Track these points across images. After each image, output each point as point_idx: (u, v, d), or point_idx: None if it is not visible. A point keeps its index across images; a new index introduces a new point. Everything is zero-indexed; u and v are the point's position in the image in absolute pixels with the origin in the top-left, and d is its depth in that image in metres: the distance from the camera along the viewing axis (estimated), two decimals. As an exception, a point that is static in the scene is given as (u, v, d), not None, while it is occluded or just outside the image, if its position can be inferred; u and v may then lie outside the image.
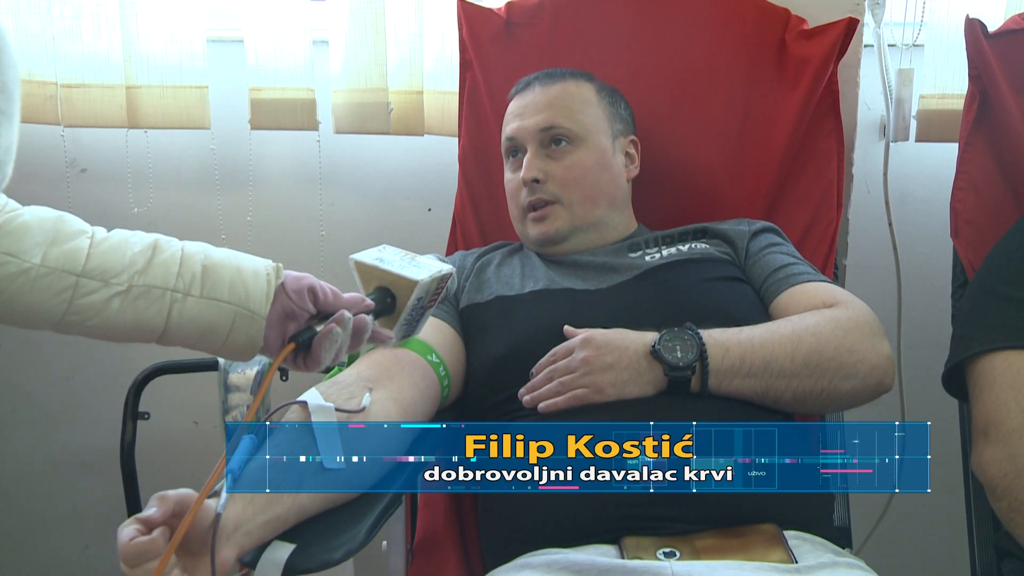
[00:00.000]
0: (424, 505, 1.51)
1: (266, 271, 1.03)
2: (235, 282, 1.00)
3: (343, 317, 1.03)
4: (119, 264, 0.96)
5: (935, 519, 1.98)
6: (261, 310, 1.01)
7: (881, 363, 1.28)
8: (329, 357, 1.03)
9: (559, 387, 1.24)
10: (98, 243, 0.97)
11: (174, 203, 2.05)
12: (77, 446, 2.17)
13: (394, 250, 1.13)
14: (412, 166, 2.03)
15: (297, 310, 1.04)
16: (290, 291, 1.04)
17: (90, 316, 0.95)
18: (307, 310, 1.05)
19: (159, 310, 0.97)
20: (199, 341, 1.01)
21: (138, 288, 0.96)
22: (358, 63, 1.88)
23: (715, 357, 1.23)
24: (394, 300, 1.09)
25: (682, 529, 1.13)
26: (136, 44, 1.89)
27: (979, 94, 1.52)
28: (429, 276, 1.09)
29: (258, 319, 1.01)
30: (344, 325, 1.03)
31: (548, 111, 1.49)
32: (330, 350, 1.03)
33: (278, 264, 1.05)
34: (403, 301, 1.09)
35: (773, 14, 1.65)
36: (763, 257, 1.45)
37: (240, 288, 1.00)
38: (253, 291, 1.01)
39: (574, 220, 1.48)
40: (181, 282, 0.98)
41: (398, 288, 1.09)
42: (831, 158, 1.63)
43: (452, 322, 1.42)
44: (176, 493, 0.92)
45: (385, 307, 1.09)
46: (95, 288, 0.95)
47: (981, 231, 1.50)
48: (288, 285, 1.04)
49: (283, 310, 1.04)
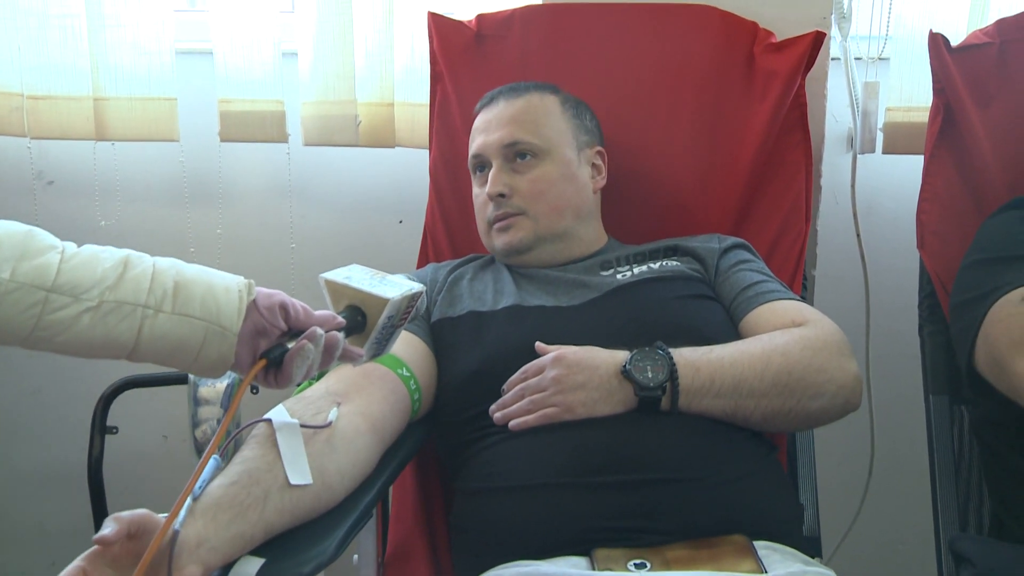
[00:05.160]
0: (395, 518, 1.50)
1: (238, 287, 1.02)
2: (207, 298, 0.99)
3: (315, 334, 1.02)
4: (90, 279, 0.95)
5: (904, 529, 2.00)
6: (233, 326, 1.00)
7: (849, 382, 1.30)
8: (300, 374, 1.02)
9: (530, 405, 1.24)
10: (68, 258, 0.95)
11: (143, 216, 2.04)
12: (44, 461, 2.14)
13: (363, 269, 1.13)
14: (383, 178, 2.03)
15: (268, 327, 1.03)
16: (262, 308, 1.03)
17: (59, 332, 0.94)
18: (278, 327, 1.04)
19: (130, 326, 0.96)
20: (170, 357, 1.00)
21: (109, 304, 0.95)
22: (326, 75, 1.87)
23: (685, 377, 1.23)
24: (365, 318, 1.09)
25: (653, 540, 1.13)
26: (104, 55, 1.88)
27: (943, 107, 1.54)
28: (400, 295, 1.09)
29: (230, 335, 1.00)
30: (316, 342, 1.02)
31: (512, 126, 1.49)
32: (301, 367, 1.02)
33: (250, 281, 1.04)
34: (374, 319, 1.08)
35: (741, 27, 1.67)
36: (733, 274, 1.46)
37: (212, 304, 0.99)
38: (225, 307, 1.00)
39: (539, 230, 1.48)
40: (152, 298, 0.97)
41: (368, 306, 1.08)
42: (799, 170, 1.64)
43: (424, 336, 1.42)
44: (130, 513, 0.91)
45: (356, 325, 1.09)
46: (65, 304, 0.93)
47: (946, 241, 1.52)
48: (260, 302, 1.03)
49: (254, 327, 1.02)
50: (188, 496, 0.94)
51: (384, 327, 1.09)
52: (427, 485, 1.53)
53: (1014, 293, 1.21)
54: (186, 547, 0.92)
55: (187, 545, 0.93)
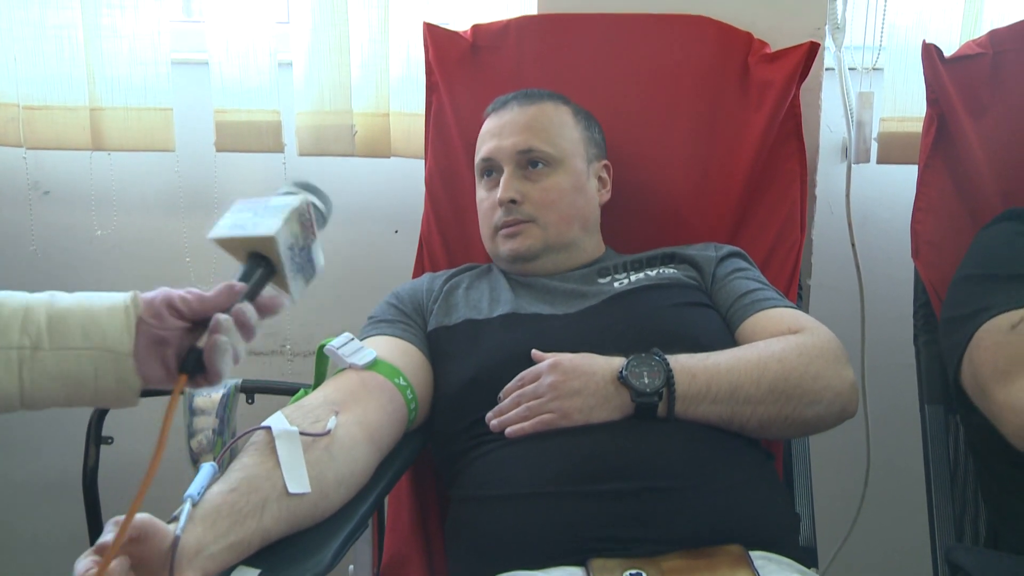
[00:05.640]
0: (391, 528, 1.50)
1: (123, 304, 0.94)
2: (88, 325, 0.92)
3: (219, 323, 0.93)
4: None
5: (900, 539, 2.00)
6: (123, 347, 0.92)
7: (845, 390, 1.30)
8: (227, 365, 0.94)
9: (526, 412, 1.24)
10: None
11: (138, 226, 2.04)
12: (39, 471, 2.14)
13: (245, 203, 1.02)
14: (379, 188, 2.03)
15: (165, 333, 0.95)
16: (146, 316, 0.94)
17: None
18: (175, 327, 0.95)
19: (11, 373, 0.89)
20: (67, 397, 0.92)
21: None
22: (322, 85, 1.88)
23: (682, 383, 1.23)
24: (268, 260, 1.00)
25: (649, 550, 1.13)
26: (100, 65, 1.89)
27: (937, 117, 1.55)
28: (282, 222, 0.99)
29: (123, 358, 0.92)
30: (225, 329, 0.94)
31: (526, 133, 1.49)
32: (223, 359, 0.93)
33: (135, 293, 0.95)
34: (276, 257, 0.99)
35: (736, 38, 1.67)
36: (729, 282, 1.46)
37: (94, 330, 0.92)
38: (109, 329, 0.92)
39: (547, 239, 1.49)
40: (27, 338, 0.89)
41: (265, 248, 0.99)
42: (794, 180, 1.65)
43: (420, 345, 1.42)
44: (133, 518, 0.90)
45: (264, 271, 0.99)
46: None
47: (941, 251, 1.52)
48: (143, 310, 0.94)
49: (150, 339, 0.94)
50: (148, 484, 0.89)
51: (293, 256, 1.00)
52: (423, 495, 1.52)
53: (1002, 319, 1.21)
54: (186, 553, 0.92)
55: (187, 551, 0.93)
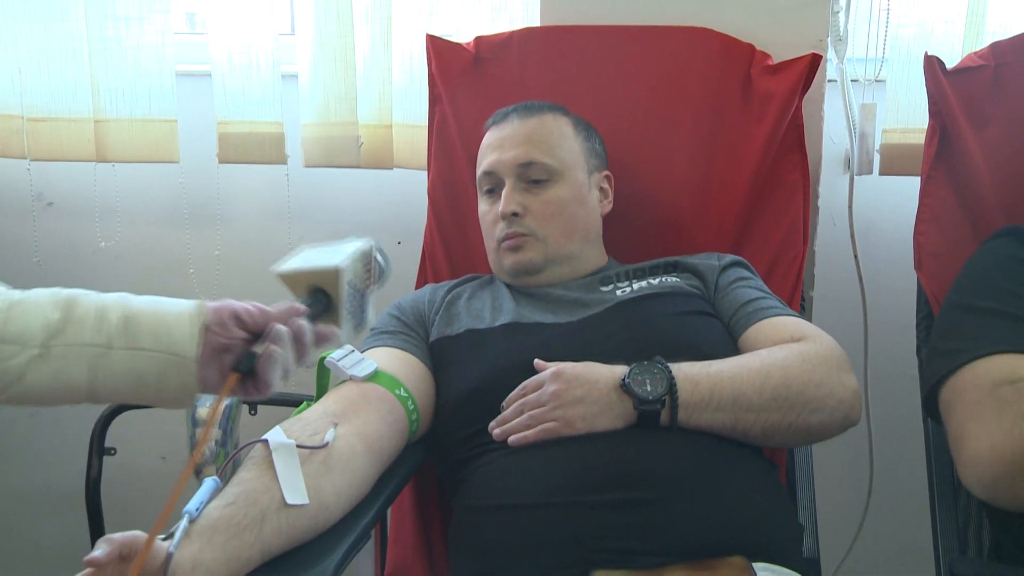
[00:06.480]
0: (394, 539, 1.50)
1: (189, 312, 0.99)
2: (158, 329, 0.97)
3: (277, 333, 0.99)
4: (35, 326, 0.92)
5: (904, 551, 1.99)
6: (189, 353, 0.97)
7: (848, 397, 1.29)
8: (277, 376, 0.99)
9: (529, 420, 1.24)
10: (13, 306, 0.93)
11: (142, 238, 2.04)
12: (42, 482, 2.14)
13: (311, 248, 1.10)
14: (381, 199, 2.03)
15: (228, 341, 1.00)
16: (213, 325, 0.99)
17: (11, 383, 0.91)
18: (237, 337, 1.01)
19: (82, 368, 0.93)
20: (130, 394, 0.97)
21: (58, 348, 0.92)
22: (327, 97, 1.88)
23: (685, 391, 1.23)
24: (328, 296, 1.05)
25: (652, 562, 1.13)
26: (105, 77, 1.89)
27: (939, 129, 1.55)
28: (347, 257, 1.05)
29: (188, 363, 0.97)
30: (280, 340, 0.99)
31: (527, 145, 1.50)
32: (275, 370, 0.99)
33: (201, 302, 1.01)
34: (336, 293, 1.05)
35: (738, 49, 1.67)
36: (732, 291, 1.46)
37: (164, 334, 0.97)
38: (178, 335, 0.97)
39: (549, 253, 1.49)
40: (102, 336, 0.94)
41: (326, 283, 1.05)
42: (797, 191, 1.65)
43: (421, 355, 1.42)
44: (122, 535, 0.90)
45: (322, 306, 1.05)
46: (12, 353, 0.91)
47: (943, 262, 1.52)
48: (210, 319, 1.00)
49: (214, 346, 1.00)
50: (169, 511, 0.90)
51: (351, 296, 1.05)
52: (426, 506, 1.52)
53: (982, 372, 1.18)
54: (181, 569, 0.91)
55: (182, 567, 0.91)
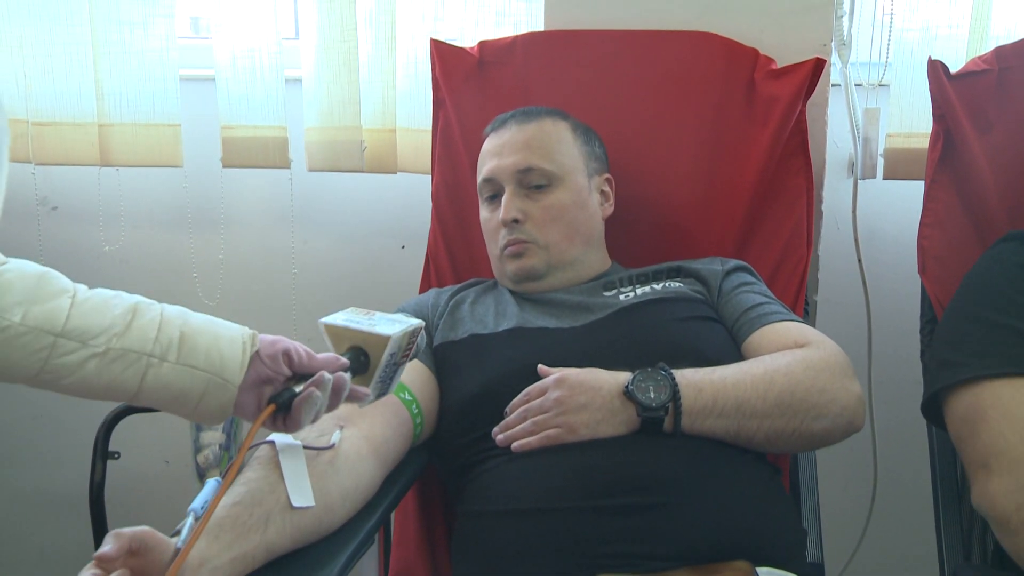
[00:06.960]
0: (397, 543, 1.50)
1: (243, 339, 1.03)
2: (211, 350, 1.00)
3: (323, 379, 1.03)
4: (98, 326, 0.96)
5: (908, 557, 1.99)
6: (234, 379, 1.01)
7: (852, 403, 1.29)
8: (309, 418, 1.03)
9: (532, 427, 1.24)
10: (79, 303, 0.96)
11: (146, 241, 2.04)
12: (45, 485, 2.14)
13: (358, 310, 1.14)
14: (385, 204, 2.03)
15: (273, 375, 1.04)
16: (265, 356, 1.04)
17: (65, 375, 0.95)
18: (283, 374, 1.05)
19: (134, 373, 0.97)
20: (170, 405, 1.01)
21: (115, 351, 0.96)
22: (331, 101, 1.88)
23: (688, 397, 1.23)
24: (367, 358, 1.10)
25: (656, 566, 1.12)
26: (109, 81, 1.90)
27: (943, 133, 1.55)
28: (400, 331, 1.09)
29: (230, 387, 1.01)
30: (323, 387, 1.03)
31: (526, 151, 1.50)
32: (310, 412, 1.03)
33: (254, 332, 1.05)
34: (376, 358, 1.09)
35: (742, 54, 1.68)
36: (735, 296, 1.46)
37: (216, 356, 1.00)
38: (228, 359, 1.01)
39: (550, 259, 1.49)
40: (158, 347, 0.98)
41: (370, 346, 1.09)
42: (800, 195, 1.64)
43: (426, 360, 1.42)
44: (131, 530, 0.91)
45: (359, 366, 1.09)
46: (72, 349, 0.94)
47: (947, 267, 1.52)
48: (263, 351, 1.04)
49: (258, 376, 1.04)
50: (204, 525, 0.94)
51: (387, 365, 1.10)
52: (429, 510, 1.52)
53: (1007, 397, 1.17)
54: (188, 567, 0.92)
55: (189, 565, 0.92)
